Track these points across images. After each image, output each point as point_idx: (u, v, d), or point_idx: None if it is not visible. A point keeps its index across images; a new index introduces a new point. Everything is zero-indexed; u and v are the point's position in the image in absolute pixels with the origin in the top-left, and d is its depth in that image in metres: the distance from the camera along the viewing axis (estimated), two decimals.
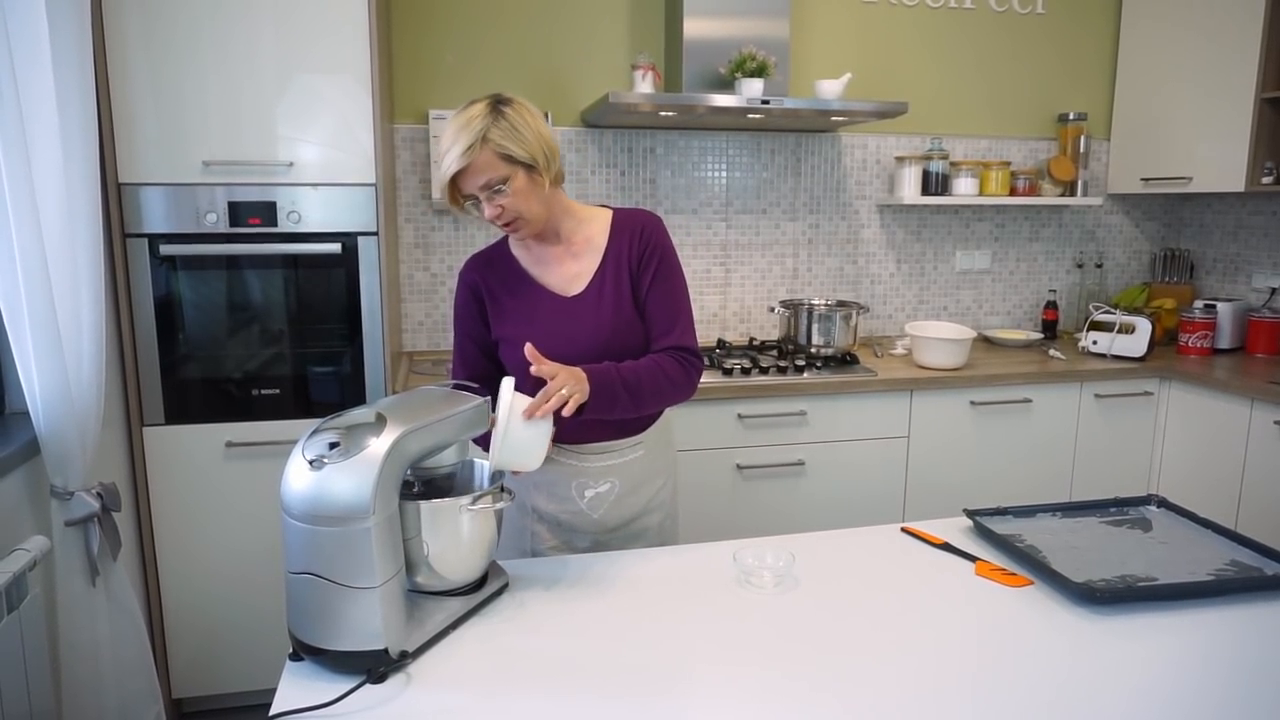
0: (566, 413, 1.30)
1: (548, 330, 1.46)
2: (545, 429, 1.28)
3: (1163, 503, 1.60)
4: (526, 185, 1.38)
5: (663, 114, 2.57)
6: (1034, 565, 1.33)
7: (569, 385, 1.30)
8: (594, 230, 1.52)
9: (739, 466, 2.49)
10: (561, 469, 1.53)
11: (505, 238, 1.56)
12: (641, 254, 1.50)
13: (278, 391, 2.27)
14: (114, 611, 1.85)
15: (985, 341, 3.13)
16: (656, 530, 1.62)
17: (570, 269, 1.52)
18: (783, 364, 2.59)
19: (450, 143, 1.34)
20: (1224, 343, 2.98)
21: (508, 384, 1.28)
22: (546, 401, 1.27)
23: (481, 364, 1.56)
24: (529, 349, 1.31)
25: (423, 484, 1.25)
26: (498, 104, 1.36)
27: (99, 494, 1.75)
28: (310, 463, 1.05)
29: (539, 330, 1.46)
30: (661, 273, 1.50)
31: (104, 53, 2.03)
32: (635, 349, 1.50)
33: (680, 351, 1.49)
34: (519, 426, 1.25)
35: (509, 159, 1.35)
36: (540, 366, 1.30)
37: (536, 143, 1.37)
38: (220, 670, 2.36)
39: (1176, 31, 3.00)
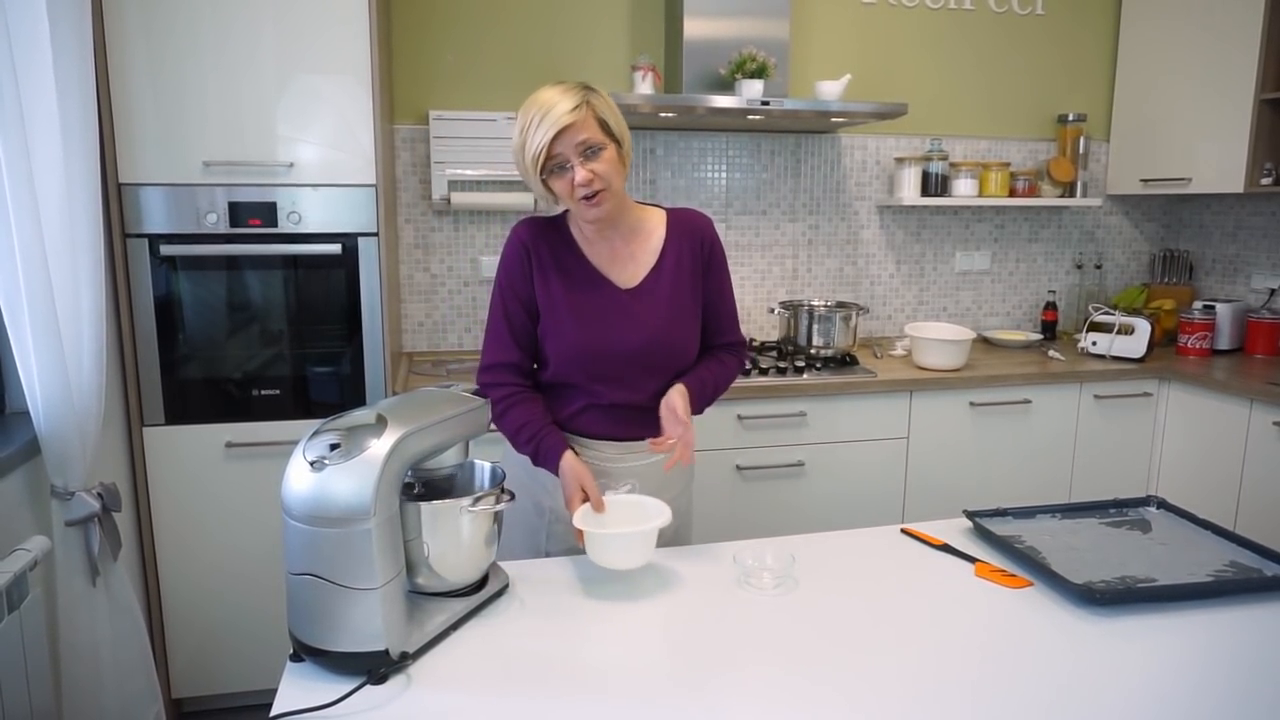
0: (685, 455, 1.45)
1: (602, 319, 1.47)
2: (647, 532, 1.32)
3: (1162, 504, 1.60)
4: (615, 158, 1.41)
5: (662, 115, 2.57)
6: (1034, 566, 1.33)
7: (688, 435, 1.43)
8: (652, 226, 1.56)
9: (739, 467, 2.49)
10: None
11: (564, 213, 1.55)
12: (707, 257, 1.57)
13: (278, 392, 2.27)
14: (114, 611, 1.85)
15: (985, 342, 3.13)
16: (671, 538, 1.61)
17: (627, 261, 1.53)
18: (782, 365, 2.59)
19: (549, 106, 1.35)
20: (1223, 344, 2.98)
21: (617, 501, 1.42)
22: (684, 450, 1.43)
23: (530, 333, 1.53)
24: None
25: (423, 485, 1.25)
26: (587, 86, 1.41)
27: (99, 494, 1.75)
28: (311, 464, 1.05)
29: (593, 318, 1.48)
30: (723, 276, 1.62)
31: (104, 53, 2.03)
32: (683, 342, 1.55)
33: (739, 347, 1.66)
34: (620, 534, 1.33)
35: (605, 128, 1.39)
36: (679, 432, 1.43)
37: (623, 125, 1.44)
38: (220, 670, 2.36)
39: (1176, 32, 3.00)
